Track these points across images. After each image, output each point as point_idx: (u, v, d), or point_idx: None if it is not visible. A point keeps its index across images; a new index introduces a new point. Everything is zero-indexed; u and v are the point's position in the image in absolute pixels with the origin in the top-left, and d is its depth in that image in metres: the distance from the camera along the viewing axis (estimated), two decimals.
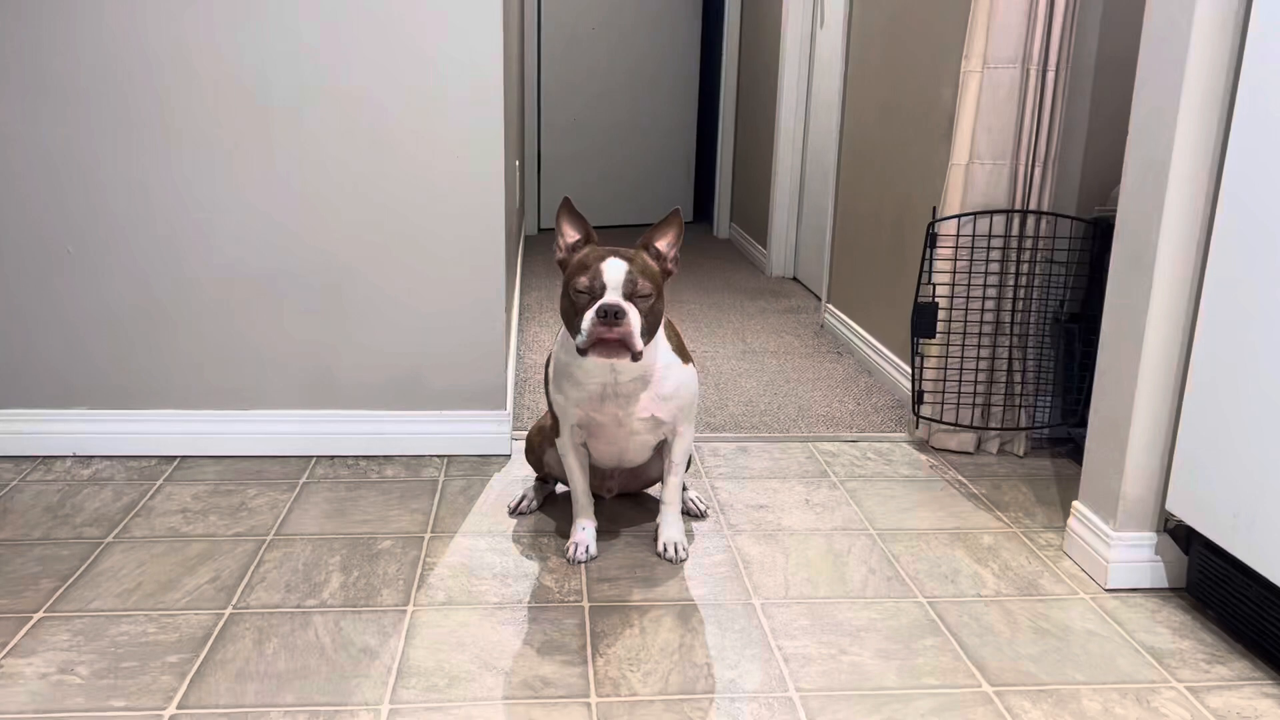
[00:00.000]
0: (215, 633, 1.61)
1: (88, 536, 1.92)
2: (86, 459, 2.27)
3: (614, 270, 1.62)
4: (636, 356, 1.64)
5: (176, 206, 2.18)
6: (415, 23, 2.12)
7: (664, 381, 1.78)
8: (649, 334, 1.66)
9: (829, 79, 3.96)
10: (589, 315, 1.60)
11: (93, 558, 1.84)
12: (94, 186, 2.15)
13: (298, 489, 2.15)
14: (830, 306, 3.60)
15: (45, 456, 2.27)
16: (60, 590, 1.73)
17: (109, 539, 1.91)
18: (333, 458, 2.32)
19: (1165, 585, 1.83)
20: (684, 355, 1.83)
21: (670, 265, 1.74)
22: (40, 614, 1.65)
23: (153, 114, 2.13)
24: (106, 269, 2.20)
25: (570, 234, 1.75)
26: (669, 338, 1.80)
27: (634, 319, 1.61)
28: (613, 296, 1.61)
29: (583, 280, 1.64)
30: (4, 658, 1.54)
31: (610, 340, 1.60)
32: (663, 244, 1.73)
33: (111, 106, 2.12)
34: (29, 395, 2.26)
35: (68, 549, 1.87)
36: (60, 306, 2.22)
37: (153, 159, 2.15)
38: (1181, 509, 1.74)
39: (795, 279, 4.52)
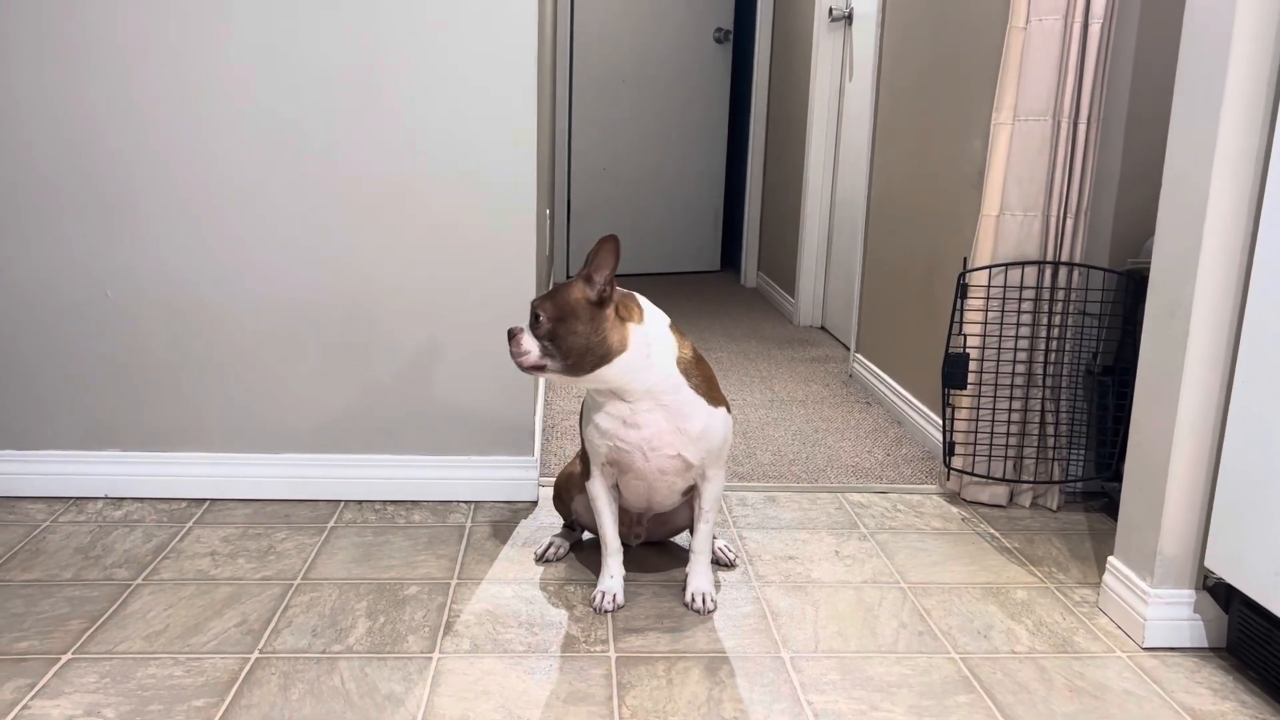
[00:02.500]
0: (241, 677, 1.61)
1: (117, 578, 1.93)
2: (118, 500, 2.29)
3: (531, 306, 1.80)
4: (563, 370, 1.76)
5: (209, 252, 2.22)
6: (449, 72, 2.16)
7: (688, 419, 1.78)
8: (568, 356, 1.74)
9: (858, 130, 3.99)
10: None
11: (122, 599, 1.85)
12: (130, 228, 2.19)
13: (325, 533, 2.16)
14: (859, 356, 3.59)
15: (78, 498, 2.29)
16: (89, 631, 1.73)
17: (138, 581, 1.92)
18: (360, 502, 2.33)
19: (1205, 644, 1.79)
20: (713, 398, 1.82)
21: (605, 292, 1.76)
22: (69, 655, 1.66)
23: (185, 159, 2.17)
24: (140, 313, 2.24)
25: None
26: (689, 375, 1.79)
27: (526, 341, 1.77)
28: (517, 324, 1.81)
29: None
30: (32, 699, 1.54)
31: (520, 358, 1.77)
32: (597, 274, 1.76)
33: (148, 152, 2.16)
34: (63, 436, 2.29)
35: (97, 590, 1.88)
36: (94, 349, 2.25)
37: (185, 204, 2.19)
38: (1221, 566, 1.71)
39: (823, 328, 4.51)
